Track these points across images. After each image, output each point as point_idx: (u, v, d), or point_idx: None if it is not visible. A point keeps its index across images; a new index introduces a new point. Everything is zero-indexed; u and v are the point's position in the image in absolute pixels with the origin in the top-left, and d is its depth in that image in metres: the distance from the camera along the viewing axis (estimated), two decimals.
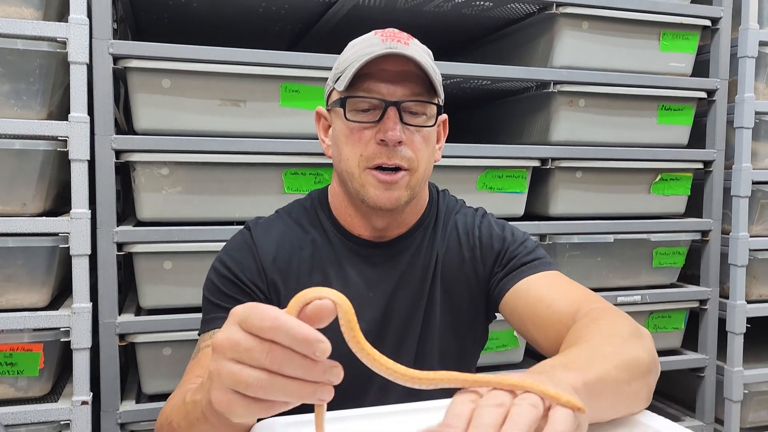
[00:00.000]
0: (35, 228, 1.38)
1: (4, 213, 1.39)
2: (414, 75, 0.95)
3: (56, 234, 1.40)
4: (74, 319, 1.40)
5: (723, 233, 1.98)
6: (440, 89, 0.98)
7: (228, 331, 0.55)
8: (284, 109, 1.56)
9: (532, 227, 1.74)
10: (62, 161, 1.42)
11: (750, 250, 1.94)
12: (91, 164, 1.42)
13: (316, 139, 1.54)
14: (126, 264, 1.82)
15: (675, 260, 1.95)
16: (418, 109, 0.96)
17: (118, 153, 1.45)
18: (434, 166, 1.05)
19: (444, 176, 1.63)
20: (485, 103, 2.18)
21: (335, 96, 0.99)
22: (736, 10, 1.93)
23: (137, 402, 1.52)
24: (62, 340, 1.41)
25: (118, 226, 1.46)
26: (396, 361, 1.11)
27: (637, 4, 1.80)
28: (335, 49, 1.53)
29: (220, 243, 1.41)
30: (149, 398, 1.55)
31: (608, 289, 1.87)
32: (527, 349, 1.85)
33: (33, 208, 1.41)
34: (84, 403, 1.41)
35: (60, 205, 1.54)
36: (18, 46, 1.36)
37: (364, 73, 0.93)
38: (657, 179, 1.91)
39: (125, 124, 1.82)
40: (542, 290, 0.97)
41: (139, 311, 1.56)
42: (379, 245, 1.05)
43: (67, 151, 1.38)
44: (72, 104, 1.39)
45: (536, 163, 1.76)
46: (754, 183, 1.94)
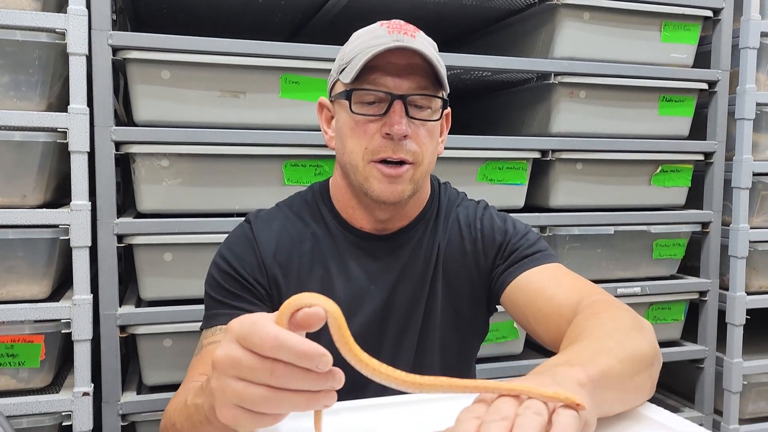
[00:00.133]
0: (35, 220, 1.38)
1: (4, 205, 1.39)
2: (420, 68, 0.95)
3: (56, 226, 1.40)
4: (75, 311, 1.40)
5: (723, 225, 1.98)
6: (446, 82, 0.97)
7: (227, 349, 0.55)
8: (284, 101, 1.56)
9: (533, 219, 1.74)
10: (62, 153, 1.42)
11: (750, 242, 1.94)
12: (91, 156, 1.42)
13: (317, 131, 1.54)
14: (126, 256, 1.82)
15: (675, 252, 1.96)
16: (424, 103, 0.96)
17: (118, 144, 1.45)
18: None
19: (444, 168, 1.62)
20: (486, 95, 2.18)
21: (340, 87, 0.98)
22: (738, 1, 1.92)
23: (138, 393, 1.52)
24: (63, 332, 1.42)
25: (119, 218, 1.46)
26: (397, 354, 1.10)
27: None
28: (335, 40, 1.53)
29: (220, 235, 1.42)
30: (150, 389, 1.55)
31: (608, 281, 1.87)
32: (527, 341, 1.86)
33: (33, 200, 1.41)
34: (85, 395, 1.41)
35: (60, 197, 1.54)
36: (17, 37, 1.36)
37: (371, 66, 0.93)
38: (658, 171, 1.90)
39: (125, 116, 1.81)
40: (543, 283, 0.97)
41: (140, 303, 1.56)
42: (381, 238, 1.05)
43: (67, 143, 1.38)
44: (71, 96, 1.38)
45: (537, 155, 1.76)
46: (755, 174, 1.94)
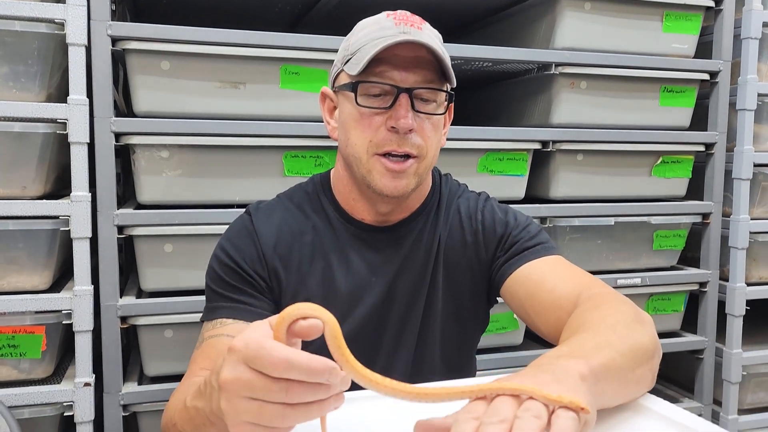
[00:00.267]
0: (36, 211, 1.38)
1: (5, 196, 1.39)
2: (427, 61, 0.94)
3: (57, 217, 1.40)
4: (76, 302, 1.40)
5: (724, 216, 1.98)
6: (452, 75, 0.96)
7: (235, 371, 0.55)
8: (284, 92, 1.55)
9: (533, 210, 1.74)
10: (62, 144, 1.41)
11: (750, 233, 1.94)
12: (91, 147, 1.42)
13: (317, 122, 1.54)
14: (127, 247, 1.82)
15: (675, 243, 1.96)
16: (429, 96, 0.95)
17: (118, 136, 1.45)
18: None
19: (444, 159, 1.62)
20: (486, 85, 2.17)
21: (345, 79, 0.97)
22: None
23: (139, 384, 1.53)
24: (64, 323, 1.42)
25: (119, 209, 1.46)
26: (397, 346, 1.10)
27: None
28: (335, 31, 1.52)
29: (221, 226, 1.42)
30: (151, 380, 1.56)
31: (608, 272, 1.88)
32: (527, 332, 1.86)
33: (33, 191, 1.41)
34: (86, 385, 1.42)
35: (60, 188, 1.54)
36: (16, 28, 1.35)
37: (377, 58, 0.92)
38: (658, 162, 1.90)
39: (125, 107, 1.81)
40: (543, 275, 0.97)
41: (141, 294, 1.56)
42: (382, 230, 1.05)
43: (67, 134, 1.38)
44: (71, 86, 1.38)
45: (537, 146, 1.76)
46: (756, 165, 1.93)
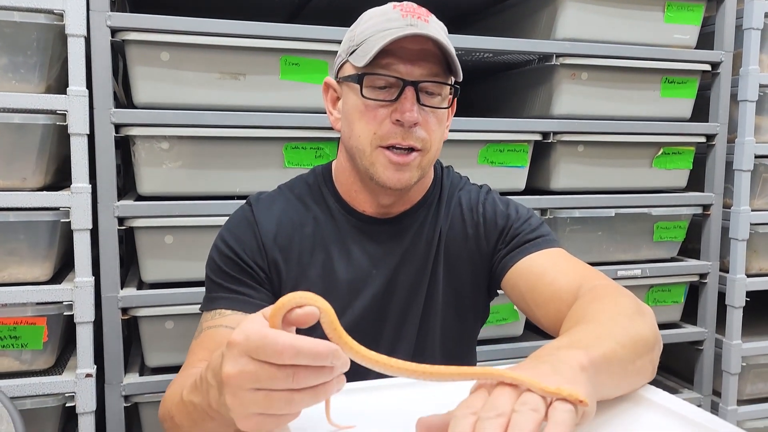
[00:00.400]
0: (36, 202, 1.38)
1: (5, 187, 1.39)
2: (433, 55, 0.93)
3: (57, 208, 1.40)
4: (77, 293, 1.40)
5: (724, 207, 1.98)
6: (458, 69, 0.95)
7: (238, 365, 0.56)
8: (284, 83, 1.55)
9: (533, 201, 1.74)
10: (62, 135, 1.41)
11: (751, 224, 1.94)
12: (91, 138, 1.42)
13: (317, 113, 1.54)
14: (127, 238, 1.83)
15: (676, 234, 1.96)
16: (435, 90, 0.95)
17: (118, 127, 1.45)
18: None
19: (445, 150, 1.59)
20: (487, 77, 2.16)
21: (350, 70, 0.96)
22: None
23: (141, 375, 1.53)
24: (65, 314, 1.42)
25: (119, 201, 1.46)
26: (398, 337, 1.11)
27: None
28: (335, 22, 1.51)
29: (221, 217, 1.42)
30: (152, 371, 1.56)
31: (609, 263, 1.88)
32: (527, 323, 1.86)
33: (33, 183, 1.41)
34: (88, 376, 1.42)
35: (60, 180, 1.54)
36: (15, 18, 1.35)
37: (383, 50, 0.91)
38: (659, 153, 1.90)
39: (124, 98, 1.80)
40: (544, 268, 0.97)
41: (141, 285, 1.57)
42: (384, 222, 1.05)
43: (67, 125, 1.38)
44: (70, 78, 1.37)
45: (538, 137, 1.76)
46: (757, 157, 1.93)
